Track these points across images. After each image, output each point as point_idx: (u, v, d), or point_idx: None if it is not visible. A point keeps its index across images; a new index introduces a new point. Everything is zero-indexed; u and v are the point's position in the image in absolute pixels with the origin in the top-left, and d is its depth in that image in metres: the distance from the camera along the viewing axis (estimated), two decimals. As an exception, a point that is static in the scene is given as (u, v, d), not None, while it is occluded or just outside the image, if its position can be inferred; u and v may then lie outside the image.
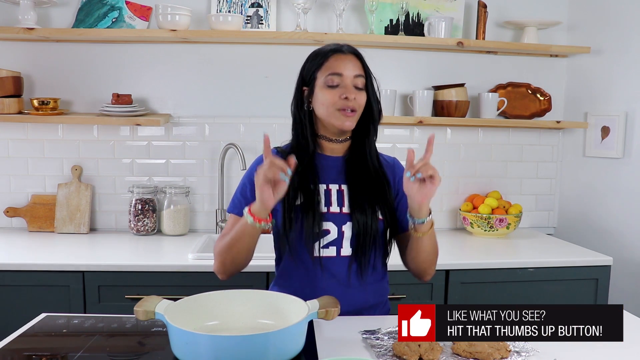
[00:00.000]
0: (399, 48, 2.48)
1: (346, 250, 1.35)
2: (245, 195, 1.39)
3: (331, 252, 1.35)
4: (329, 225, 1.35)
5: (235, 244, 1.29)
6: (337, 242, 1.35)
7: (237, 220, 1.33)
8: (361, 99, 1.34)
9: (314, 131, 1.39)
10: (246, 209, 1.25)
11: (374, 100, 1.38)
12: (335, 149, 1.41)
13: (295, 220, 1.33)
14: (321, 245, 1.34)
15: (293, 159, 1.21)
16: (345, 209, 1.36)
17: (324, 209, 1.35)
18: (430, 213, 1.28)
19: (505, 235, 2.45)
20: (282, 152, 1.41)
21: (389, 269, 1.47)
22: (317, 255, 1.34)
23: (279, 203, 1.30)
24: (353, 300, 1.35)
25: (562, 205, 2.68)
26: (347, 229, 1.36)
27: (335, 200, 1.36)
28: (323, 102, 1.33)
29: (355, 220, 1.35)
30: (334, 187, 1.37)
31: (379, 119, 1.41)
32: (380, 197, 1.38)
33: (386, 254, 1.45)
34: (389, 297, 1.49)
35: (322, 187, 1.37)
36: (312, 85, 1.36)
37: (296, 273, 1.38)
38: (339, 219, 1.36)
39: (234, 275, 1.37)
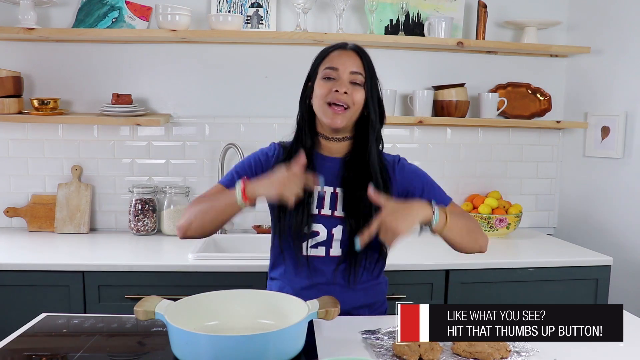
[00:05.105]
0: (399, 48, 2.48)
1: (336, 251, 1.35)
2: (242, 175, 1.37)
3: (320, 252, 1.35)
4: (319, 227, 1.35)
5: (210, 210, 1.30)
6: (327, 244, 1.35)
7: (222, 190, 1.35)
8: (356, 95, 1.31)
9: (313, 127, 1.39)
10: (240, 183, 1.25)
11: (372, 103, 1.33)
12: (333, 148, 1.39)
13: (287, 219, 1.34)
14: (310, 245, 1.35)
15: (303, 159, 1.23)
16: (338, 213, 1.35)
17: (315, 211, 1.35)
18: (434, 213, 1.22)
19: (505, 235, 2.45)
20: (284, 148, 1.42)
21: (389, 269, 1.47)
22: (305, 254, 1.35)
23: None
24: (342, 299, 1.34)
25: (562, 205, 2.68)
26: (338, 231, 1.35)
27: (327, 203, 1.36)
28: (316, 94, 1.33)
29: (348, 225, 1.33)
30: (328, 190, 1.36)
31: (380, 124, 1.37)
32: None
33: (381, 256, 1.43)
34: (389, 297, 1.49)
35: (317, 189, 1.35)
36: (313, 79, 1.36)
37: (287, 268, 1.39)
38: (329, 222, 1.36)
39: (192, 239, 1.35)
